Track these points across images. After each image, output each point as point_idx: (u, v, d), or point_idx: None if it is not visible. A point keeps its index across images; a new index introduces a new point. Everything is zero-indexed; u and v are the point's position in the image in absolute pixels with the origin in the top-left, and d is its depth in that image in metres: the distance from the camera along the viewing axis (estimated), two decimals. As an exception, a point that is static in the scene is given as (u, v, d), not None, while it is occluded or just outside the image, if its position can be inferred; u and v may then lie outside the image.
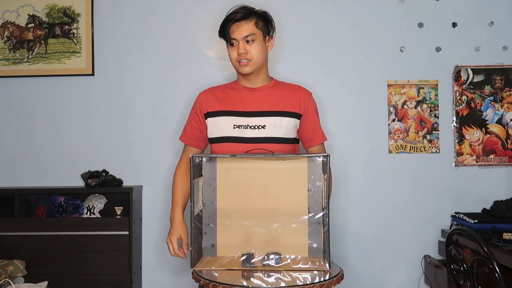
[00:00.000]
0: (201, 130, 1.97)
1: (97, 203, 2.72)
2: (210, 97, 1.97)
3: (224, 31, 1.89)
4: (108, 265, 2.59)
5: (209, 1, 2.82)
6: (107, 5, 2.89)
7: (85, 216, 2.70)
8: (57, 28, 2.88)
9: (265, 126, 1.87)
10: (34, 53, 2.89)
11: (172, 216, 1.91)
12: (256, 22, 1.88)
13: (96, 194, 2.76)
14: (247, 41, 1.86)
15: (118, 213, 2.66)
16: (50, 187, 2.81)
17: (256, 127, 1.87)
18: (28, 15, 2.89)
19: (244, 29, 1.85)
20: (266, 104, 1.91)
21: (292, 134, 1.92)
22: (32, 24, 2.89)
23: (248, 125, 1.87)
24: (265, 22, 1.91)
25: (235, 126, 1.88)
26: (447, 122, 2.84)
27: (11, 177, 2.86)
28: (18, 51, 2.89)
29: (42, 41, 2.89)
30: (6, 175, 2.87)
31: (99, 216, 2.69)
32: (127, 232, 2.61)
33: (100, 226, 2.61)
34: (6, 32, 2.89)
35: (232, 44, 1.88)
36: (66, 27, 2.88)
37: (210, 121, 1.94)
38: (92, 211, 2.69)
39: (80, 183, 2.80)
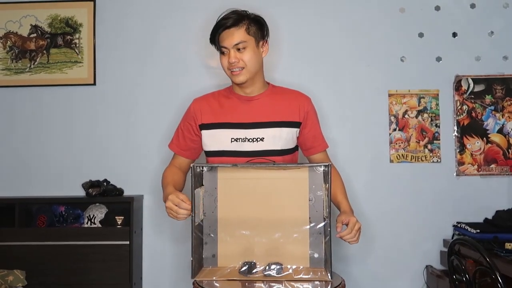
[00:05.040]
0: (194, 141, 1.88)
1: (98, 213, 2.71)
2: (205, 107, 1.85)
3: (213, 40, 1.80)
4: (109, 275, 2.58)
5: (211, 11, 2.82)
6: (109, 15, 2.91)
7: (85, 225, 2.69)
8: (59, 38, 2.90)
9: (263, 138, 1.80)
10: (36, 63, 2.90)
11: (165, 194, 1.72)
12: (248, 28, 1.76)
13: (97, 204, 2.75)
14: (238, 49, 1.75)
15: (119, 222, 2.66)
16: (50, 197, 2.81)
17: (254, 140, 1.80)
18: (31, 25, 2.90)
19: (234, 37, 1.74)
20: (264, 114, 1.82)
21: (291, 144, 1.86)
22: (35, 34, 2.90)
23: (246, 138, 1.80)
24: (258, 27, 1.79)
25: (233, 140, 1.80)
26: (448, 131, 2.84)
27: (12, 186, 2.86)
28: (20, 61, 2.90)
29: (44, 51, 2.90)
30: (7, 185, 2.87)
31: (99, 225, 2.68)
32: (127, 242, 2.60)
33: (100, 235, 2.61)
34: (9, 42, 2.91)
35: (223, 53, 1.78)
36: (68, 37, 2.90)
37: (205, 133, 1.84)
38: (92, 220, 2.69)
39: (81, 193, 2.80)
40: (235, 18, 1.76)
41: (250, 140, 1.80)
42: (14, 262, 2.55)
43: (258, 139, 1.80)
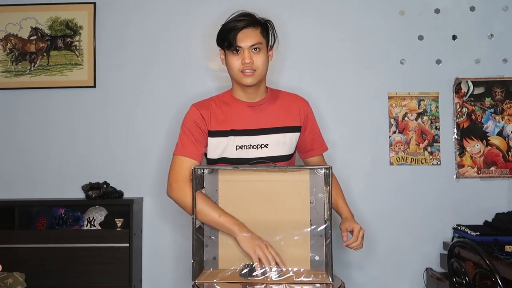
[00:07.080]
0: (205, 147, 1.83)
1: (98, 215, 2.71)
2: (212, 114, 1.82)
3: (227, 39, 1.74)
4: (108, 277, 2.57)
5: (212, 14, 2.84)
6: (109, 18, 2.91)
7: (85, 228, 2.69)
8: (59, 41, 2.90)
9: (267, 145, 1.79)
10: (36, 65, 2.90)
11: (238, 225, 1.64)
12: (262, 31, 1.77)
13: (97, 206, 2.75)
14: (255, 49, 1.74)
15: (119, 225, 2.65)
16: (50, 199, 2.80)
17: (258, 146, 1.79)
18: (31, 27, 2.90)
19: (251, 37, 1.73)
20: (267, 120, 1.82)
21: (294, 149, 1.88)
22: (35, 37, 2.90)
23: (250, 145, 1.79)
24: (268, 31, 1.81)
25: (238, 147, 1.79)
26: (448, 134, 2.85)
27: (11, 189, 2.86)
28: (20, 63, 2.90)
29: (44, 53, 2.90)
30: (7, 187, 2.86)
31: (99, 228, 2.67)
32: (127, 244, 2.60)
33: (100, 238, 2.60)
34: (9, 44, 2.91)
35: (236, 52, 1.75)
36: (68, 39, 2.90)
37: (211, 140, 1.81)
38: (92, 223, 2.68)
39: (81, 195, 2.79)
40: (250, 20, 1.75)
41: (255, 146, 1.80)
42: (13, 265, 2.54)
43: (263, 146, 1.80)
